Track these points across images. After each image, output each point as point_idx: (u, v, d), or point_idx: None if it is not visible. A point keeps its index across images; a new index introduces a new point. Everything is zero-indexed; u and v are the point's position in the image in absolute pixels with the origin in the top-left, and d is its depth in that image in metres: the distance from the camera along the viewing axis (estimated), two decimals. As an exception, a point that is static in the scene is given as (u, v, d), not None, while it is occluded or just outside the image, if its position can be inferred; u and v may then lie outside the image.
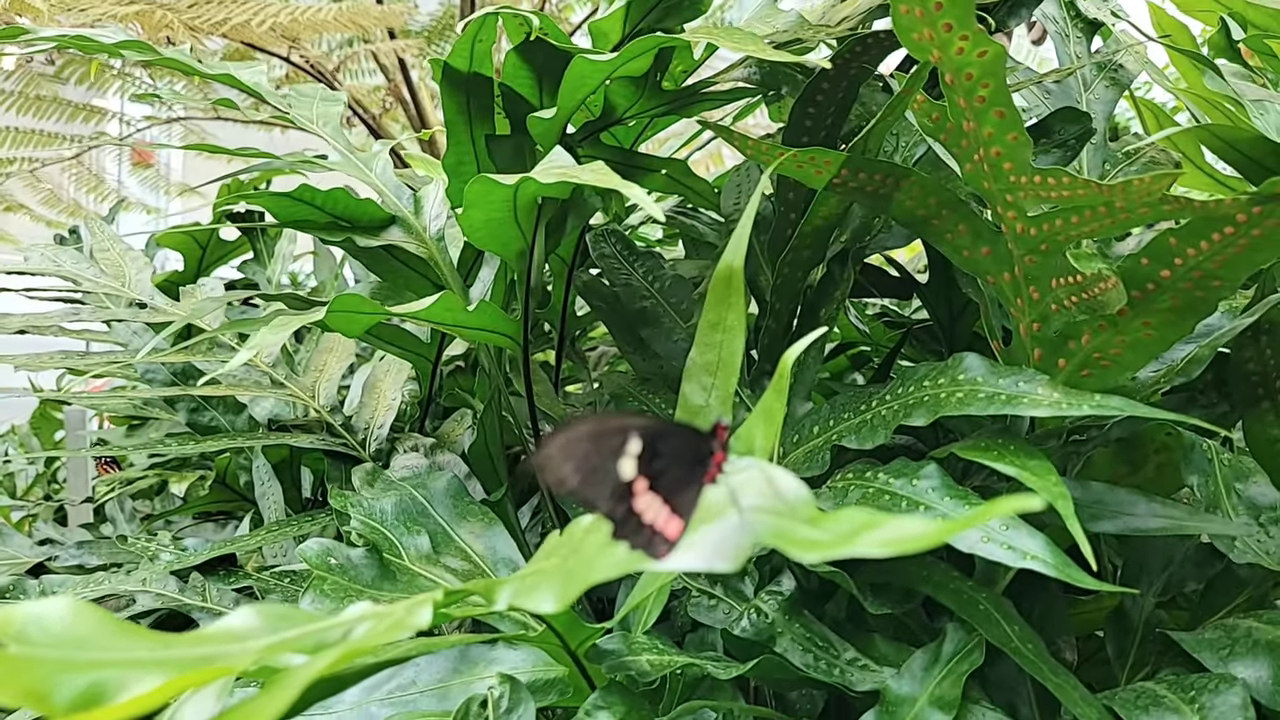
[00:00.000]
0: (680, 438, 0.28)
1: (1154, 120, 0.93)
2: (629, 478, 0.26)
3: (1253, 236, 0.44)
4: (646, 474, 0.27)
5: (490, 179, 0.52)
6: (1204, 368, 0.56)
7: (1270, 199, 0.42)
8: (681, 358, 0.82)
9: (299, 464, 1.04)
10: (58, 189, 4.05)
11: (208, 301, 0.72)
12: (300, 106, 0.85)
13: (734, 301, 0.51)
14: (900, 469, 0.53)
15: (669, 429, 0.28)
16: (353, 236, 0.73)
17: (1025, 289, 0.58)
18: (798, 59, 0.44)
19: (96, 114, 3.58)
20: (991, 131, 0.49)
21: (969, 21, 0.44)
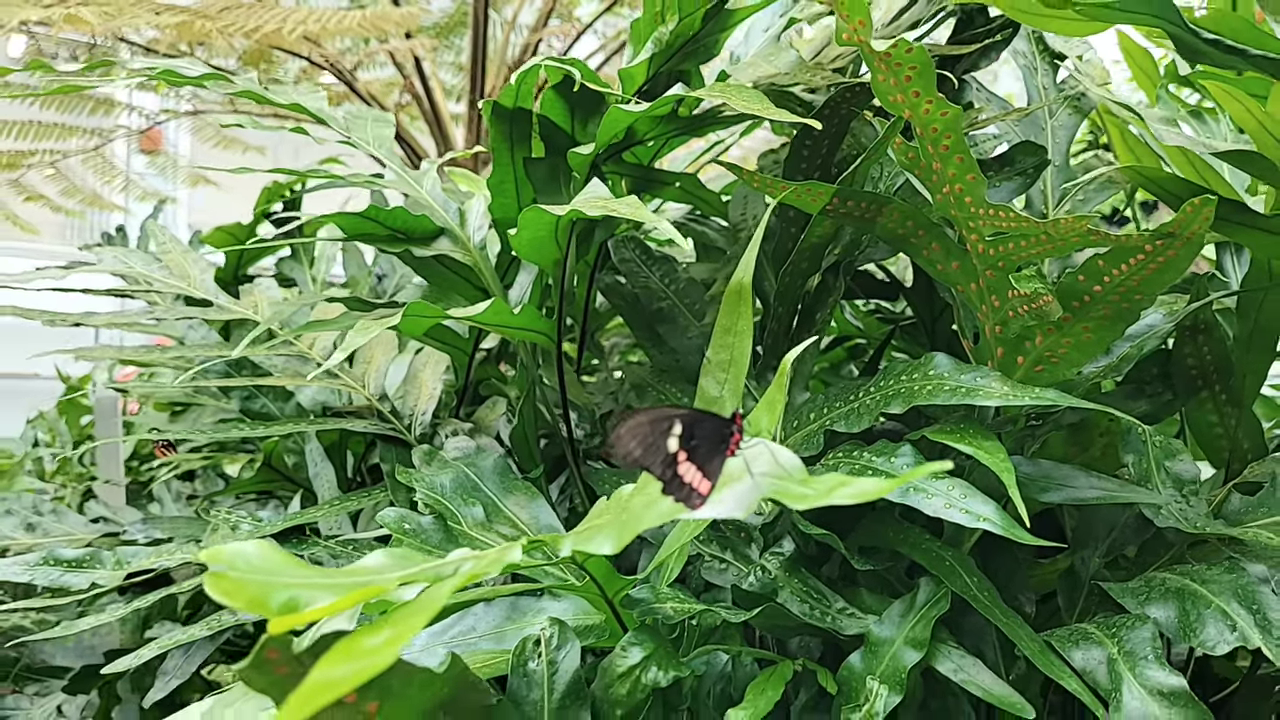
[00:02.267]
0: (709, 423, 0.39)
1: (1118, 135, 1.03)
2: (674, 450, 0.37)
3: (1159, 262, 0.55)
4: (686, 449, 0.38)
5: (542, 210, 0.62)
6: (1134, 364, 0.67)
7: (1165, 236, 0.53)
8: (695, 353, 0.93)
9: (346, 447, 1.16)
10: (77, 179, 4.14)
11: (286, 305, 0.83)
12: (357, 129, 0.96)
13: (743, 310, 0.62)
14: (881, 449, 0.64)
15: (701, 416, 0.39)
16: (409, 247, 0.84)
17: (988, 297, 0.69)
18: (800, 120, 0.55)
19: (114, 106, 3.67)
20: (954, 173, 0.60)
21: (932, 89, 0.55)
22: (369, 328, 0.66)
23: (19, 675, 1.41)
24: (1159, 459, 0.70)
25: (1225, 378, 0.82)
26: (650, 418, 0.38)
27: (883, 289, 0.96)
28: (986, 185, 0.59)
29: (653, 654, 0.61)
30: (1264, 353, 0.78)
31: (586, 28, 3.13)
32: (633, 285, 0.98)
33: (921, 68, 0.54)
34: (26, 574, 1.01)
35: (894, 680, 0.62)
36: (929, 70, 0.54)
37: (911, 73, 0.54)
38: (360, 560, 0.44)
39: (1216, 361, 0.82)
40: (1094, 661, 0.57)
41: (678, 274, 0.98)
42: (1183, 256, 0.54)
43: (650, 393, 0.92)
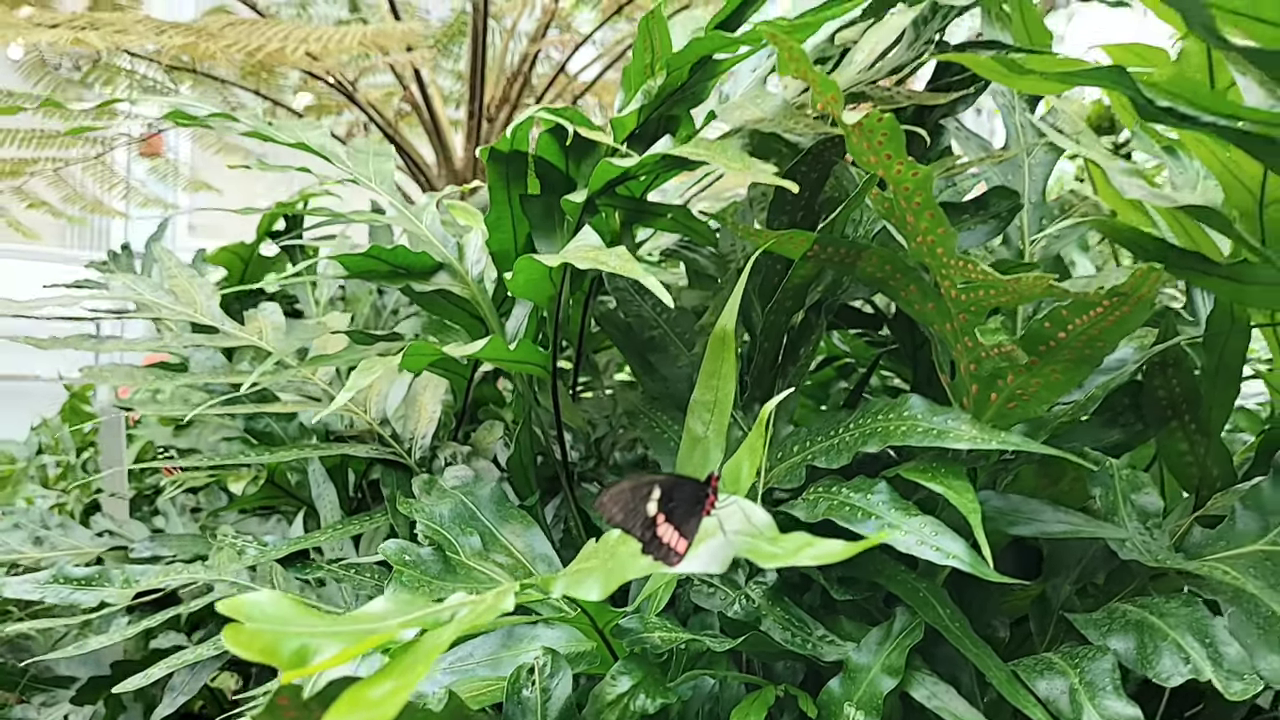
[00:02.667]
0: (687, 486, 0.42)
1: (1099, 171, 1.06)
2: (653, 514, 0.41)
3: (1115, 317, 0.58)
4: (664, 511, 0.41)
5: (535, 260, 0.66)
6: (1099, 404, 0.70)
7: (1118, 295, 0.56)
8: (685, 381, 0.96)
9: (347, 466, 1.19)
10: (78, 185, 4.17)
11: (291, 338, 0.86)
12: (359, 164, 0.99)
13: (726, 355, 0.65)
14: (859, 485, 0.67)
15: (679, 481, 0.42)
16: (410, 282, 0.87)
17: (961, 338, 0.72)
18: (780, 182, 0.58)
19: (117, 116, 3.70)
20: (926, 226, 0.63)
21: (902, 152, 0.58)
22: (372, 367, 0.69)
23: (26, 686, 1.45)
24: (1125, 492, 0.74)
25: (1194, 408, 0.86)
26: (632, 485, 0.41)
27: (867, 320, 0.99)
28: (957, 238, 0.62)
29: (641, 682, 0.64)
30: (1229, 386, 0.82)
31: (585, 39, 3.16)
32: (625, 314, 1.02)
33: (891, 133, 0.57)
34: (37, 591, 1.05)
35: (871, 706, 0.65)
36: (898, 135, 0.57)
37: (883, 138, 0.57)
38: (364, 606, 0.47)
39: (1185, 393, 0.85)
40: (1057, 691, 0.61)
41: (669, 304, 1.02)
42: (1137, 312, 0.58)
43: (642, 418, 0.95)
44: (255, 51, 1.97)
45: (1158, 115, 0.58)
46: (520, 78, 3.14)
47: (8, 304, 1.10)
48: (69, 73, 3.50)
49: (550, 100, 3.49)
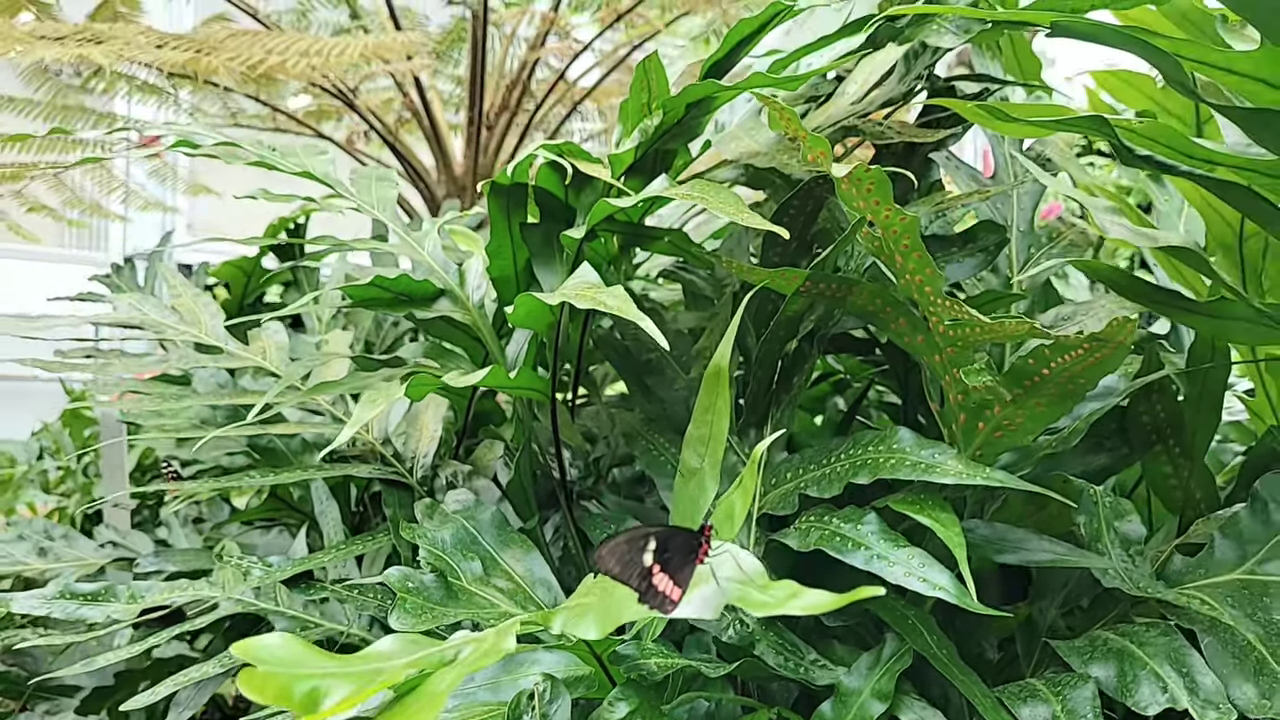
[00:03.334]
0: (680, 537, 0.44)
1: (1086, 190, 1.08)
2: (649, 564, 0.43)
3: (1095, 359, 0.60)
4: (660, 561, 0.43)
5: (535, 298, 0.68)
6: (1081, 437, 0.72)
7: (1097, 340, 0.58)
8: (681, 404, 0.99)
9: (350, 483, 1.21)
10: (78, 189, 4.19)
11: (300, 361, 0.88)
12: (362, 191, 1.01)
13: (721, 390, 0.67)
14: (849, 515, 0.69)
15: (673, 533, 0.44)
16: (412, 310, 0.89)
17: (950, 370, 0.74)
18: (772, 227, 0.60)
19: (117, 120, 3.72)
20: (914, 266, 0.65)
21: (890, 199, 0.60)
22: (376, 399, 0.71)
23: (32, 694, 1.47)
24: (1108, 519, 0.76)
25: (1178, 433, 0.88)
26: (628, 538, 0.43)
27: (860, 345, 1.01)
28: (943, 279, 0.64)
29: (638, 708, 0.66)
30: (1211, 413, 0.84)
31: (585, 47, 3.18)
32: (623, 336, 1.04)
33: (879, 182, 0.59)
34: (45, 607, 1.07)
35: (860, 730, 0.67)
36: (886, 184, 0.59)
37: (871, 186, 0.59)
38: (372, 646, 0.49)
39: (1170, 418, 0.87)
40: (1040, 718, 0.63)
41: (666, 326, 1.04)
42: (1115, 356, 0.60)
43: (639, 441, 0.97)
44: (256, 65, 1.98)
45: (1137, 163, 0.60)
46: (520, 85, 3.16)
47: (17, 324, 1.12)
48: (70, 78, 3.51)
49: (550, 106, 3.51)
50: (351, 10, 3.24)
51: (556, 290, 0.69)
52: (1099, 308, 0.88)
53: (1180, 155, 0.59)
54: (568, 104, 3.51)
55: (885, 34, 0.77)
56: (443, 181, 3.22)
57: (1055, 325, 0.90)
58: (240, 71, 1.92)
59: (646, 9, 3.12)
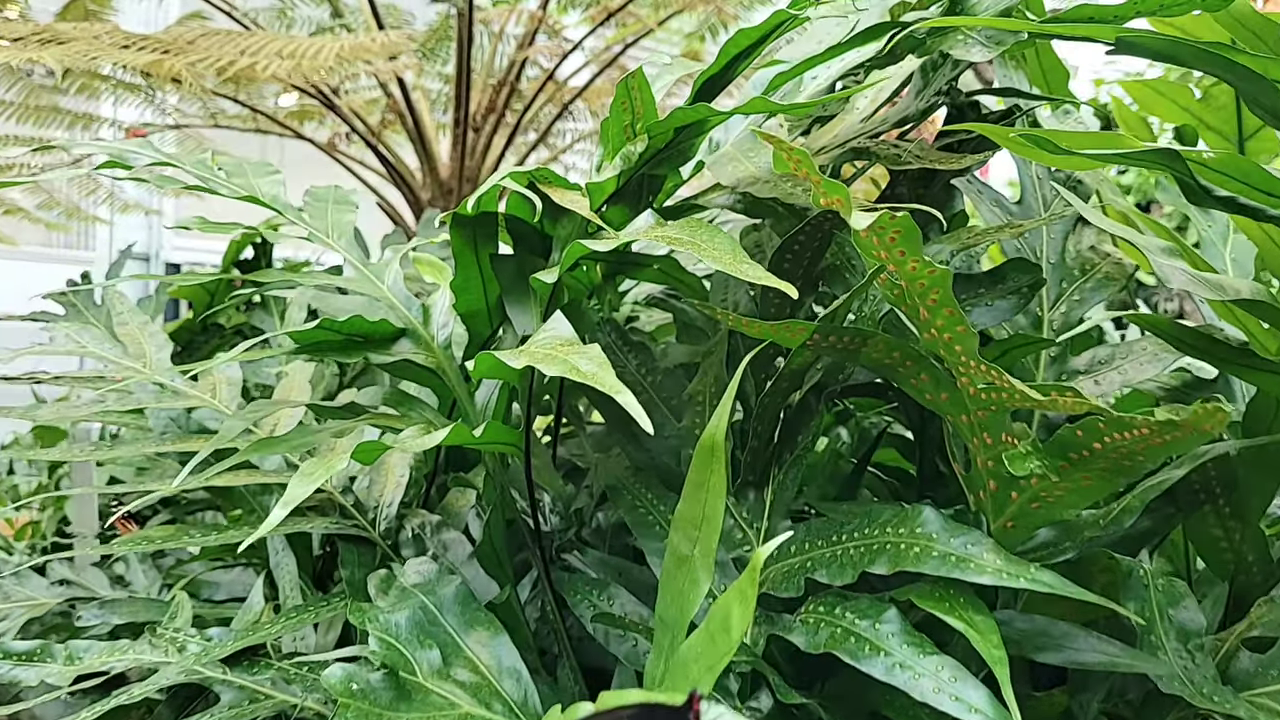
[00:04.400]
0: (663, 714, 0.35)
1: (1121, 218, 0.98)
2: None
3: (1162, 440, 0.51)
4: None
5: (497, 359, 0.58)
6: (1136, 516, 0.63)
7: (1166, 425, 0.48)
8: (671, 454, 0.89)
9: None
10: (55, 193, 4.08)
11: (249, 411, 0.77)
12: (315, 216, 0.91)
13: (715, 467, 0.57)
14: (865, 609, 0.60)
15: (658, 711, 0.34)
16: (367, 354, 0.79)
17: (980, 433, 0.64)
18: (772, 281, 0.50)
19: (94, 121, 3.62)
20: (943, 323, 0.56)
21: (917, 250, 0.50)
22: (313, 473, 0.61)
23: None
24: (1162, 606, 0.66)
25: (1229, 492, 0.78)
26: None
27: (872, 389, 0.91)
28: (977, 339, 0.55)
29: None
30: (1270, 476, 0.74)
31: (575, 46, 3.08)
32: (607, 376, 0.94)
33: (906, 232, 0.49)
34: (-25, 668, 0.97)
35: None
36: (914, 234, 0.49)
37: (896, 235, 0.49)
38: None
39: (1220, 477, 0.77)
40: None
41: (655, 364, 0.94)
42: (1190, 440, 0.50)
43: (624, 495, 0.87)
44: (226, 68, 1.88)
45: (1214, 204, 0.50)
46: (507, 86, 3.05)
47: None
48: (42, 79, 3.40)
49: (540, 106, 3.40)
50: (334, 8, 3.13)
51: (522, 349, 0.59)
52: (1142, 352, 0.79)
53: (1261, 198, 0.50)
54: (558, 104, 3.41)
55: (904, 45, 0.68)
56: (428, 184, 3.12)
57: (1091, 370, 0.80)
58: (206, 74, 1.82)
59: (638, 7, 3.01)
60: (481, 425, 0.69)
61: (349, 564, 0.91)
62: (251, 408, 0.81)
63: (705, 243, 0.54)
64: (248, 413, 0.79)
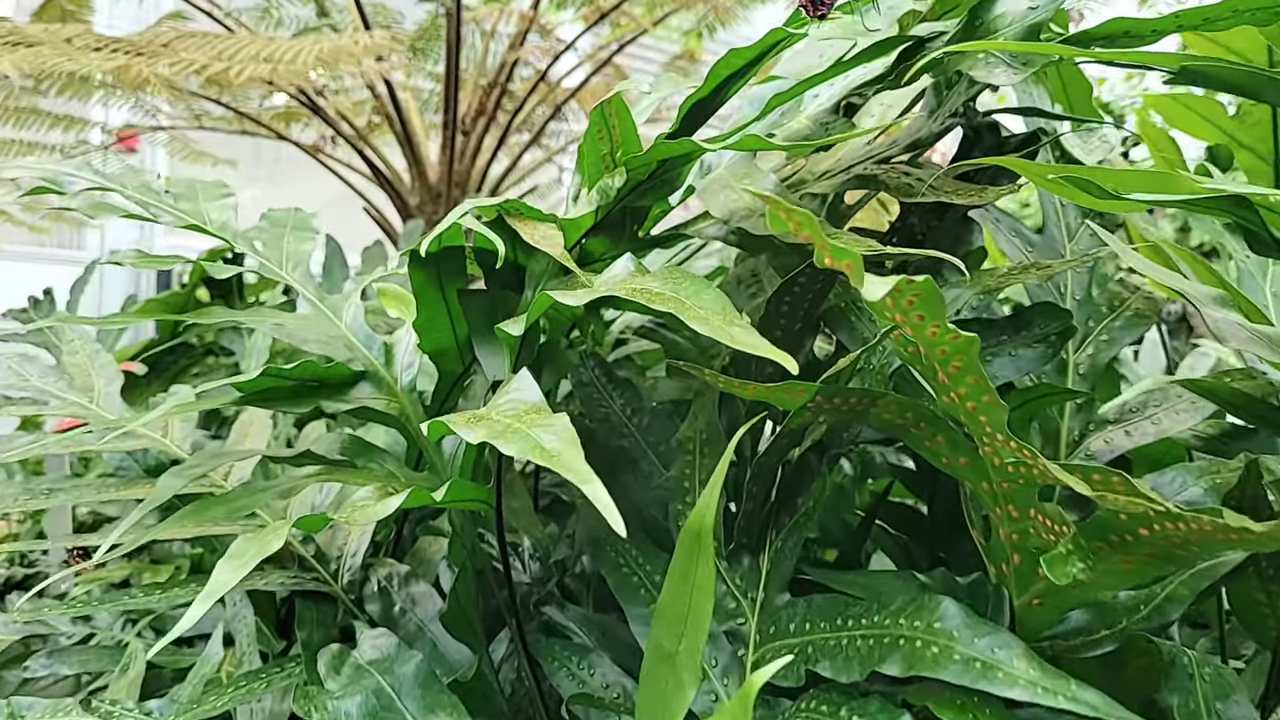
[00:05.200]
0: None
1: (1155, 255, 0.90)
2: None
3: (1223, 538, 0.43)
4: None
5: (448, 427, 0.50)
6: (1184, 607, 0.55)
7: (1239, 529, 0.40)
8: (658, 507, 0.81)
9: (274, 573, 1.03)
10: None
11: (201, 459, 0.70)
12: (270, 245, 0.83)
13: (703, 558, 0.50)
14: (876, 714, 0.52)
15: None
16: (320, 402, 0.72)
17: (1004, 504, 0.57)
18: (770, 352, 0.43)
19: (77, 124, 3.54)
20: (965, 391, 0.48)
21: (940, 314, 0.42)
22: (244, 554, 0.53)
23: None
24: (1209, 699, 0.58)
25: (1274, 555, 0.71)
26: None
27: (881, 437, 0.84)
28: (1006, 411, 0.47)
29: None
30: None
31: (568, 47, 3.00)
32: (590, 418, 0.86)
33: (925, 295, 0.41)
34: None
35: None
36: (936, 300, 0.41)
37: (915, 298, 0.42)
38: None
39: (1264, 537, 0.70)
40: None
41: (642, 404, 0.86)
42: (1262, 541, 0.42)
43: (607, 552, 0.79)
44: (200, 71, 1.80)
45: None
46: (498, 88, 2.97)
47: None
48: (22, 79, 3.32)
49: (532, 107, 3.32)
50: (319, 7, 3.05)
51: (480, 417, 0.51)
52: (1178, 399, 0.71)
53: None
54: (551, 105, 3.33)
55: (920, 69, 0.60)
56: (416, 188, 3.04)
57: (1122, 420, 0.73)
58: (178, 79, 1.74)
59: (632, 6, 2.93)
60: (444, 485, 0.61)
61: (306, 624, 0.83)
62: (194, 460, 0.73)
63: (690, 299, 0.47)
64: (187, 467, 0.71)
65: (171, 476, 0.70)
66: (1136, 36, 0.62)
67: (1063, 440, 0.72)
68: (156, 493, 0.70)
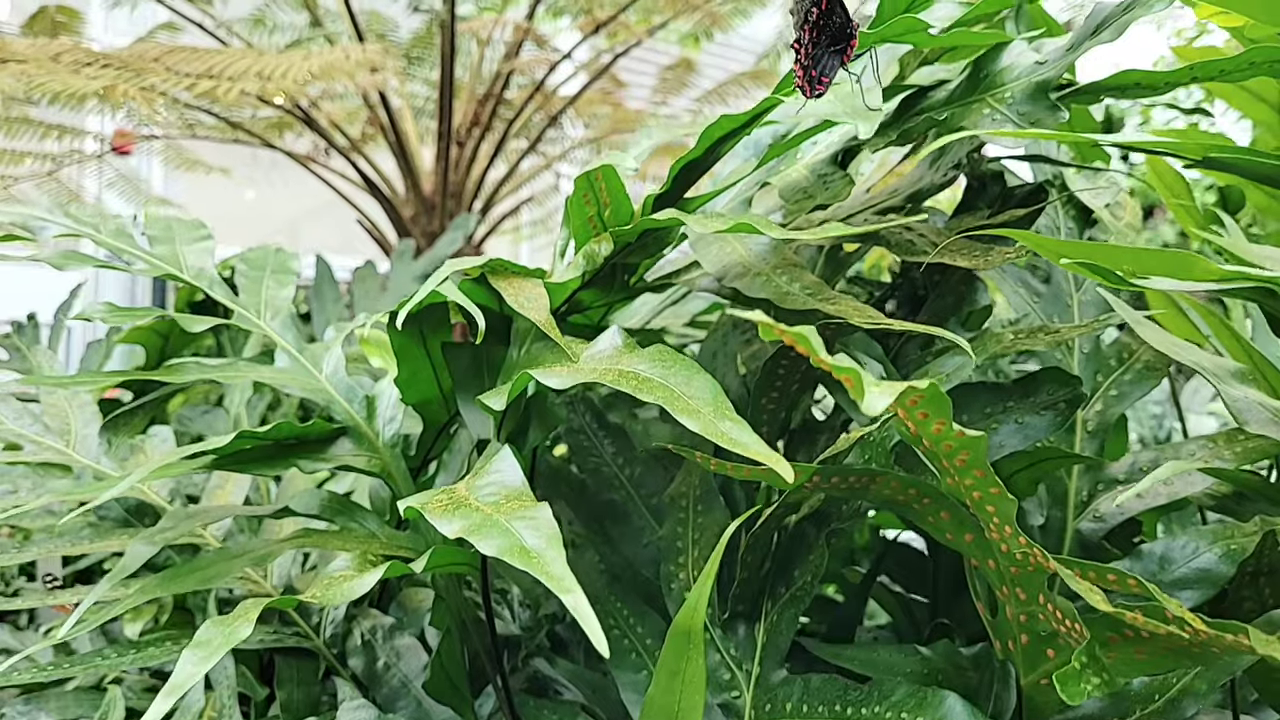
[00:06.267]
0: None
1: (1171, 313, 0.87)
2: None
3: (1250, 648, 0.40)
4: None
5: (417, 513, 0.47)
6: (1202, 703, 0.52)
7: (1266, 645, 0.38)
8: (650, 564, 0.78)
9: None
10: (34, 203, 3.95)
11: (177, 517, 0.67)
12: (249, 291, 0.80)
13: (693, 656, 0.47)
14: (874, 814, 0.49)
15: None
16: (298, 462, 0.69)
17: (1012, 586, 0.54)
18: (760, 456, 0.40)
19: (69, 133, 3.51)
20: (973, 483, 0.45)
21: (945, 414, 0.40)
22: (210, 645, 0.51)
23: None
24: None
25: (1290, 619, 0.68)
26: None
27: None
28: (1015, 505, 0.44)
29: None
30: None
31: (564, 57, 2.97)
32: (580, 467, 0.83)
33: (931, 398, 0.38)
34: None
35: None
36: (941, 401, 0.39)
37: (918, 399, 0.39)
38: None
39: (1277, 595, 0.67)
40: None
41: (634, 453, 0.83)
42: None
43: (597, 610, 0.77)
44: (190, 86, 1.77)
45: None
46: (492, 99, 2.94)
47: None
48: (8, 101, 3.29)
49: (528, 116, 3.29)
50: (312, 17, 3.02)
51: (454, 502, 0.48)
52: (1191, 456, 0.68)
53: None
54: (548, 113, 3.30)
55: (919, 125, 0.57)
56: (410, 200, 3.01)
57: (1132, 479, 0.70)
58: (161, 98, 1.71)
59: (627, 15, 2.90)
60: (426, 554, 0.59)
61: (286, 684, 0.81)
62: (168, 521, 0.71)
63: (681, 387, 0.44)
64: (160, 531, 0.68)
65: (142, 543, 0.67)
66: (1149, 88, 0.59)
67: (1071, 501, 0.70)
68: (128, 560, 0.67)
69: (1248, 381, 0.51)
